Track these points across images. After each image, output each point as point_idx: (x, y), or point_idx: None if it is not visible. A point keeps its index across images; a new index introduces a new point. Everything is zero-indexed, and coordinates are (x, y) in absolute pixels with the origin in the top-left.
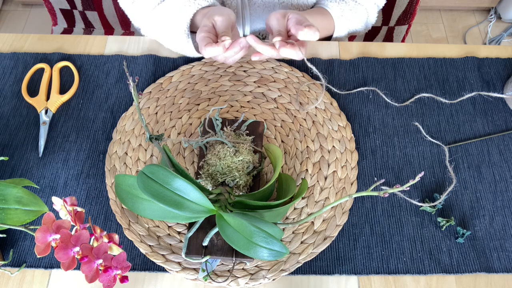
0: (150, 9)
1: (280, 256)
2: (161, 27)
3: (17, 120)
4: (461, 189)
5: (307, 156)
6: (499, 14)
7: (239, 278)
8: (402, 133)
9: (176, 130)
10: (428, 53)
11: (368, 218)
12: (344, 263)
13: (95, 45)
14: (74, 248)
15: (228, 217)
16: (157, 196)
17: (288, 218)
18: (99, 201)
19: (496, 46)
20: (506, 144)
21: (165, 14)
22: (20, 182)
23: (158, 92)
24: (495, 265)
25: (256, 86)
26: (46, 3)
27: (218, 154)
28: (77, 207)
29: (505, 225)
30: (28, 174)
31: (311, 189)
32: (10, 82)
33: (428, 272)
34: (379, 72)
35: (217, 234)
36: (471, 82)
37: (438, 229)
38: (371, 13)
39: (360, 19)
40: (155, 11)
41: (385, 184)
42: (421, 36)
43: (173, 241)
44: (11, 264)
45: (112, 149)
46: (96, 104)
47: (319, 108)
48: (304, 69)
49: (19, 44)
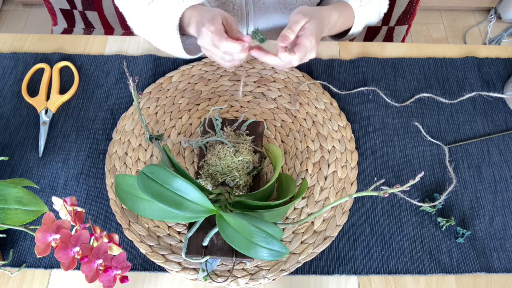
0: (142, 8)
1: (280, 256)
2: (151, 25)
3: (17, 120)
4: (461, 189)
5: (307, 156)
6: (499, 14)
7: (239, 278)
8: (402, 133)
9: (176, 130)
10: (428, 53)
11: (368, 218)
12: (344, 263)
13: (95, 45)
14: (74, 248)
15: (228, 217)
16: (157, 196)
17: (288, 218)
18: (99, 201)
19: (496, 46)
20: (506, 144)
21: (155, 12)
22: (20, 182)
23: (158, 92)
24: (495, 265)
25: (256, 86)
26: (46, 3)
27: (218, 154)
28: (77, 207)
29: (505, 225)
30: (28, 174)
31: (311, 189)
32: (10, 82)
33: (428, 272)
34: (379, 72)
35: (217, 234)
36: (471, 82)
37: (438, 229)
38: (384, 0)
39: (375, 8)
40: (146, 10)
41: (385, 184)
42: (421, 36)
43: (173, 241)
44: (11, 264)
45: (112, 149)
46: (96, 104)
47: (319, 108)
48: (304, 69)
49: (19, 44)
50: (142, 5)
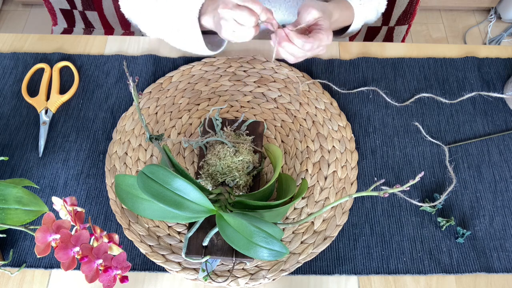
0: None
1: (280, 256)
2: (167, 20)
3: (17, 120)
4: (461, 189)
5: (307, 156)
6: (499, 14)
7: (239, 278)
8: (402, 133)
9: (176, 130)
10: (428, 53)
11: (368, 218)
12: (344, 263)
13: (95, 45)
14: (74, 248)
15: (228, 217)
16: (157, 196)
17: (288, 218)
18: (99, 201)
19: (496, 46)
20: (506, 144)
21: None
22: (20, 182)
23: (158, 92)
24: (495, 265)
25: (256, 86)
26: (46, 3)
27: (218, 154)
28: (77, 207)
29: (505, 225)
30: (28, 174)
31: (311, 189)
32: (10, 82)
33: (428, 272)
34: (379, 72)
35: (217, 234)
36: (471, 82)
37: (438, 229)
38: (382, 0)
39: (374, 7)
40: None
41: (385, 184)
42: (421, 36)
43: (173, 241)
44: (11, 264)
45: (112, 149)
46: (96, 104)
47: (319, 108)
48: (304, 69)
49: (19, 44)
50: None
